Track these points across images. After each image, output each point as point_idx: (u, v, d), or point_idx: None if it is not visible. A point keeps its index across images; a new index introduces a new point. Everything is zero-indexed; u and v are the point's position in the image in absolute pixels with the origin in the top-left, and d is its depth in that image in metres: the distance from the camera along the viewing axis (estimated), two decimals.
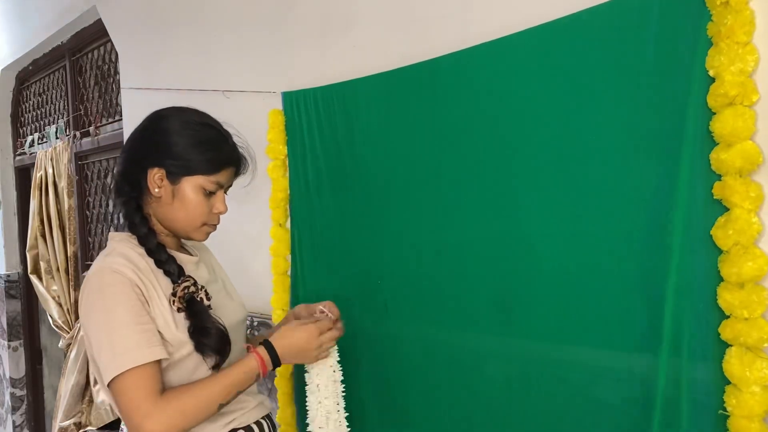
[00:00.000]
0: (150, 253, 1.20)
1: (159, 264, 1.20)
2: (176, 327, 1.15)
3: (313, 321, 1.27)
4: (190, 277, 1.21)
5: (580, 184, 1.13)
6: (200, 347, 1.16)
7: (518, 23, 1.21)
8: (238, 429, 1.22)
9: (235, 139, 1.26)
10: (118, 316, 1.09)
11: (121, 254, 1.17)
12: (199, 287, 1.20)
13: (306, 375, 1.29)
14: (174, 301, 1.16)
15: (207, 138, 1.21)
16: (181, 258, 1.25)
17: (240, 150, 1.26)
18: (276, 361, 1.20)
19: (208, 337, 1.17)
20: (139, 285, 1.13)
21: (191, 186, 1.19)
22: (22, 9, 3.68)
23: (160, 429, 1.04)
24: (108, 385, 1.09)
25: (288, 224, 1.80)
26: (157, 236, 1.22)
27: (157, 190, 1.19)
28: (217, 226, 1.27)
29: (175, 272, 1.20)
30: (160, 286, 1.17)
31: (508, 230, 1.25)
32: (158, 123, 1.22)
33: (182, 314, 1.17)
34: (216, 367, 1.19)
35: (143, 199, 1.23)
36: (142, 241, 1.20)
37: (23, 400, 4.04)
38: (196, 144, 1.19)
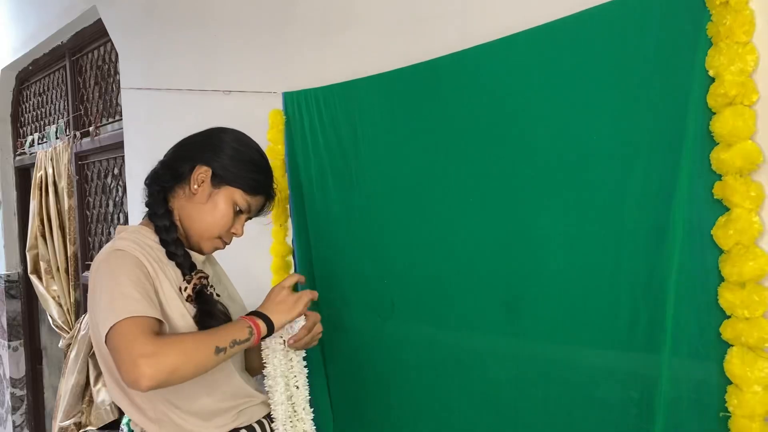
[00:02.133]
0: (165, 243, 1.22)
1: (172, 256, 1.22)
2: (186, 312, 1.17)
3: None
4: (203, 270, 1.24)
5: (581, 184, 1.13)
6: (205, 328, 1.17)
7: (519, 23, 1.21)
8: (240, 428, 1.23)
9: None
10: (121, 279, 1.10)
11: (130, 239, 1.19)
12: (210, 283, 1.25)
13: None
14: (186, 288, 1.19)
15: (258, 161, 1.29)
16: (192, 255, 1.27)
17: (275, 187, 1.32)
18: (265, 318, 1.19)
19: (214, 319, 1.19)
20: (146, 264, 1.15)
21: (227, 196, 1.24)
22: (22, 9, 3.68)
23: (156, 364, 1.01)
24: (105, 339, 1.07)
25: (289, 224, 1.80)
26: (178, 231, 1.25)
27: (196, 186, 1.23)
28: (226, 246, 1.31)
29: (186, 265, 1.23)
30: (166, 276, 1.19)
31: (510, 229, 1.25)
32: (219, 133, 1.29)
33: (189, 305, 1.19)
34: None
35: (173, 192, 1.26)
36: (161, 232, 1.23)
37: (23, 400, 4.04)
38: (247, 161, 1.26)
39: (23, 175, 4.09)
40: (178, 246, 1.22)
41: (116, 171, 3.05)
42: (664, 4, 1.01)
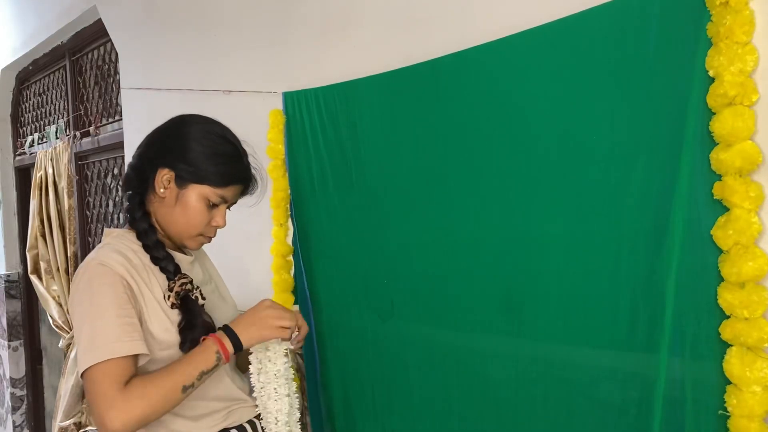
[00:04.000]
0: (147, 249, 1.21)
1: (155, 261, 1.21)
2: (170, 324, 1.16)
3: None
4: (186, 275, 1.22)
5: (581, 184, 1.13)
6: (185, 344, 1.16)
7: (519, 23, 1.21)
8: (231, 428, 1.22)
9: (251, 159, 1.27)
10: (101, 307, 1.09)
11: (114, 249, 1.17)
12: (195, 286, 1.22)
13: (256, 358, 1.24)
14: (169, 296, 1.17)
15: (223, 151, 1.22)
16: (178, 257, 1.25)
17: (253, 171, 1.27)
18: (234, 337, 1.16)
19: (196, 331, 1.17)
20: (128, 280, 1.14)
21: (196, 194, 1.20)
22: (22, 9, 3.68)
23: (124, 417, 1.02)
24: (81, 375, 1.08)
25: (289, 224, 1.80)
26: (157, 233, 1.23)
27: (162, 190, 1.20)
28: (212, 239, 1.28)
29: (171, 269, 1.21)
30: (153, 282, 1.18)
31: (510, 229, 1.25)
32: (180, 127, 1.23)
33: (175, 311, 1.18)
34: None
35: (147, 196, 1.24)
36: (141, 237, 1.21)
37: (23, 400, 4.04)
38: (211, 155, 1.21)
39: (23, 175, 4.09)
40: (159, 249, 1.21)
41: (116, 171, 3.05)
42: (664, 4, 1.01)
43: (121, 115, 2.81)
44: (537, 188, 1.20)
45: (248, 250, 2.01)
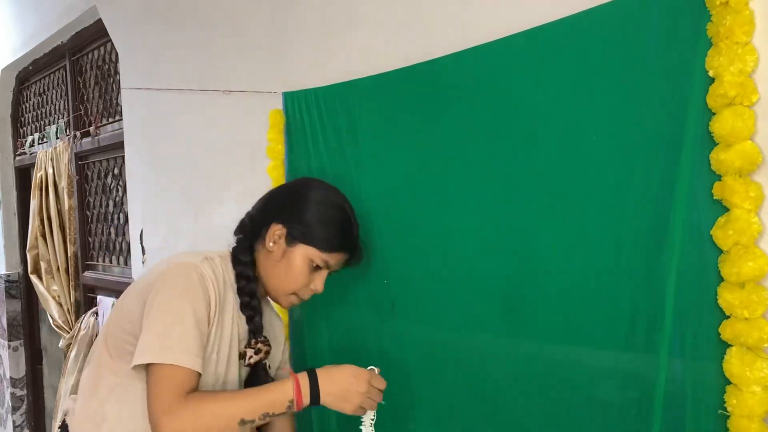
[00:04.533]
0: (241, 293, 1.26)
1: (244, 308, 1.26)
2: (233, 365, 1.23)
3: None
4: (267, 340, 1.28)
5: (581, 184, 1.13)
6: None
7: (519, 24, 1.21)
8: None
9: (361, 230, 1.35)
10: (185, 312, 1.12)
11: (213, 267, 1.21)
12: (267, 353, 1.29)
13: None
14: (251, 357, 1.25)
15: (337, 220, 1.30)
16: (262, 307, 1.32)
17: (360, 244, 1.34)
18: (315, 394, 1.12)
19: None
20: (212, 303, 1.18)
21: (302, 254, 1.26)
22: (22, 9, 3.68)
23: (172, 426, 1.06)
24: (141, 366, 1.11)
25: None
26: (256, 283, 1.28)
27: (272, 244, 1.26)
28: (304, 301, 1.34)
29: (257, 324, 1.27)
30: (227, 312, 1.23)
31: (510, 230, 1.25)
32: (304, 189, 1.33)
33: (242, 366, 1.25)
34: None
35: (256, 245, 1.30)
36: (240, 279, 1.26)
37: (23, 400, 4.04)
38: (325, 220, 1.28)
39: (23, 175, 4.09)
40: (253, 298, 1.26)
41: (116, 171, 3.05)
42: (664, 4, 1.01)
43: (121, 115, 2.81)
44: (537, 188, 1.20)
45: None
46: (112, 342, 1.22)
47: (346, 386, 1.14)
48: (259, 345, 1.27)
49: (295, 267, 1.26)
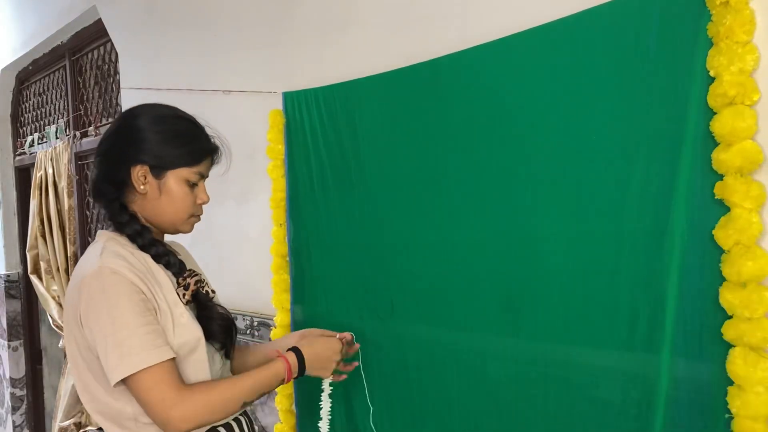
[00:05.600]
0: (145, 248, 1.21)
1: (157, 258, 1.21)
2: (190, 319, 1.18)
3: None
4: (194, 270, 1.24)
5: (582, 184, 1.13)
6: (209, 335, 1.21)
7: (519, 24, 1.21)
8: (218, 426, 1.23)
9: (207, 129, 1.28)
10: (124, 317, 1.09)
11: (115, 253, 1.16)
12: (204, 280, 1.25)
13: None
14: (184, 294, 1.19)
15: (184, 130, 1.23)
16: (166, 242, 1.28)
17: (214, 140, 1.28)
18: (302, 369, 1.27)
19: (215, 324, 1.22)
20: (140, 285, 1.13)
21: (176, 179, 1.21)
22: (22, 9, 3.68)
23: (187, 416, 1.08)
24: (122, 383, 1.09)
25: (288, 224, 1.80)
26: (151, 231, 1.24)
27: (142, 187, 1.20)
28: (201, 216, 1.29)
29: (176, 264, 1.22)
30: (159, 282, 1.18)
31: (510, 229, 1.25)
32: (132, 121, 1.22)
33: (189, 306, 1.20)
34: (226, 355, 1.27)
35: (127, 197, 1.23)
36: (135, 239, 1.21)
37: (23, 400, 4.04)
38: (173, 137, 1.21)
39: (23, 175, 4.09)
40: (158, 246, 1.22)
41: None
42: (664, 4, 1.01)
43: None
44: (537, 188, 1.19)
45: (248, 250, 2.01)
46: (94, 376, 1.17)
47: (328, 356, 1.33)
48: (187, 280, 1.21)
49: (177, 194, 1.21)
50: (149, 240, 1.21)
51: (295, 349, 1.29)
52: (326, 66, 1.67)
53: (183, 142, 1.22)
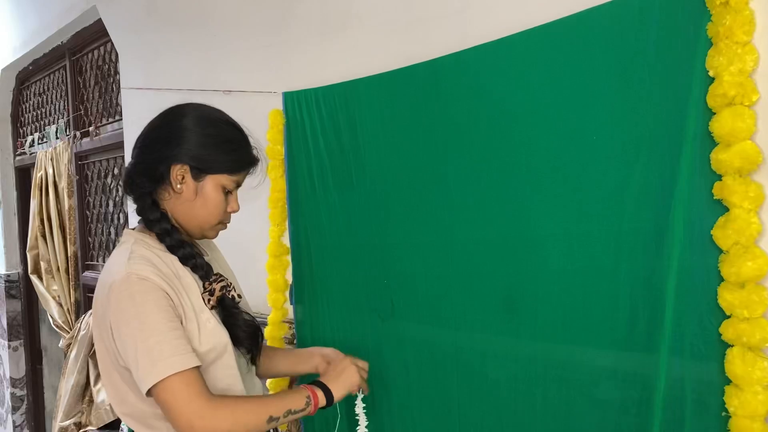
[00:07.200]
0: (173, 249, 1.20)
1: (185, 260, 1.20)
2: (217, 324, 1.18)
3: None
4: (221, 275, 1.23)
5: (581, 184, 1.13)
6: (235, 341, 1.20)
7: (519, 23, 1.21)
8: None
9: (250, 139, 1.27)
10: (153, 323, 1.08)
11: (143, 258, 1.15)
12: (230, 285, 1.24)
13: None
14: (209, 300, 1.19)
15: (231, 137, 1.22)
16: (197, 245, 1.27)
17: (255, 151, 1.27)
18: (328, 395, 1.24)
19: (240, 330, 1.21)
20: (168, 291, 1.13)
21: (213, 184, 1.20)
22: (22, 9, 3.68)
23: (211, 427, 1.06)
24: (149, 392, 1.08)
25: (287, 223, 1.80)
26: (180, 232, 1.22)
27: (179, 186, 1.19)
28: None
29: (204, 267, 1.22)
30: (186, 286, 1.18)
31: (510, 229, 1.25)
32: (179, 119, 1.21)
33: (215, 311, 1.20)
34: (252, 360, 1.26)
35: (159, 194, 1.22)
36: (164, 238, 1.20)
37: (23, 400, 4.04)
38: (221, 143, 1.20)
39: (23, 175, 4.09)
40: (186, 248, 1.20)
41: (116, 171, 3.05)
42: (664, 4, 1.01)
43: (121, 115, 2.81)
44: (537, 188, 1.20)
45: (248, 250, 2.01)
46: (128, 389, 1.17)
47: (345, 379, 1.29)
48: (213, 286, 1.20)
49: (212, 199, 1.20)
50: (177, 240, 1.20)
51: (320, 383, 1.26)
52: (326, 66, 1.67)
53: (229, 149, 1.21)
